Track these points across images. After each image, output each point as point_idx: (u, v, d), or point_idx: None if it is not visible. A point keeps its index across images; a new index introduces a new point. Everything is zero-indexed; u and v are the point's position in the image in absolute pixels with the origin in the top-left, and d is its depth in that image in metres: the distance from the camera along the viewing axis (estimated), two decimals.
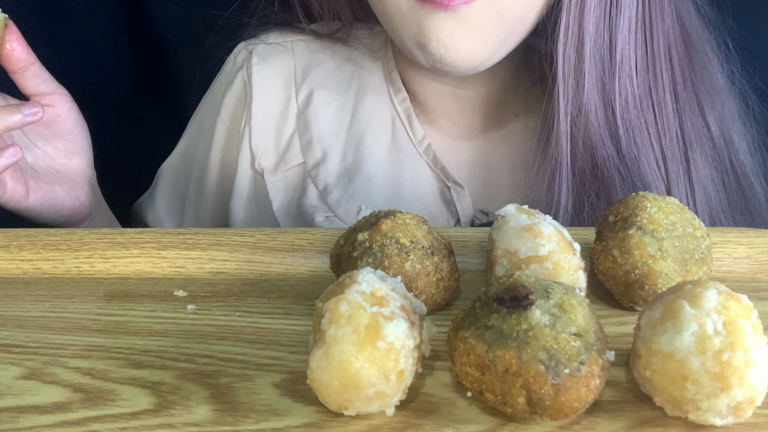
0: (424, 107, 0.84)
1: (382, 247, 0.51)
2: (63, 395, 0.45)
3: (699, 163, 0.76)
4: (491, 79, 0.81)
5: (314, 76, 0.85)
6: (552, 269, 0.50)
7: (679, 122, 0.76)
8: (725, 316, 0.40)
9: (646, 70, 0.74)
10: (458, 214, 0.80)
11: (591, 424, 0.43)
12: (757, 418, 0.43)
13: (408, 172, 0.81)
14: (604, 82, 0.73)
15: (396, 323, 0.41)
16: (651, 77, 0.74)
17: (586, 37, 0.71)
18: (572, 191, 0.74)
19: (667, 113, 0.75)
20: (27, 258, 0.60)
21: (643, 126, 0.74)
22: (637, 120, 0.74)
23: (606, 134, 0.73)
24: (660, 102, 0.75)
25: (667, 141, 0.75)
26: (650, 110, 0.75)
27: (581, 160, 0.74)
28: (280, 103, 0.85)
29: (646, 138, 0.74)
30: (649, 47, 0.74)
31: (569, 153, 0.73)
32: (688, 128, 0.76)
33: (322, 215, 0.79)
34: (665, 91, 0.75)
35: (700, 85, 0.77)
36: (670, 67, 0.75)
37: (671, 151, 0.75)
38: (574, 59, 0.72)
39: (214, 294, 0.56)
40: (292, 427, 0.43)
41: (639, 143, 0.74)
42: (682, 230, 0.53)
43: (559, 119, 0.73)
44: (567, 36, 0.71)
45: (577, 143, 0.73)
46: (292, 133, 0.84)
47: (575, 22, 0.71)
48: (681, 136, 0.76)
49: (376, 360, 0.40)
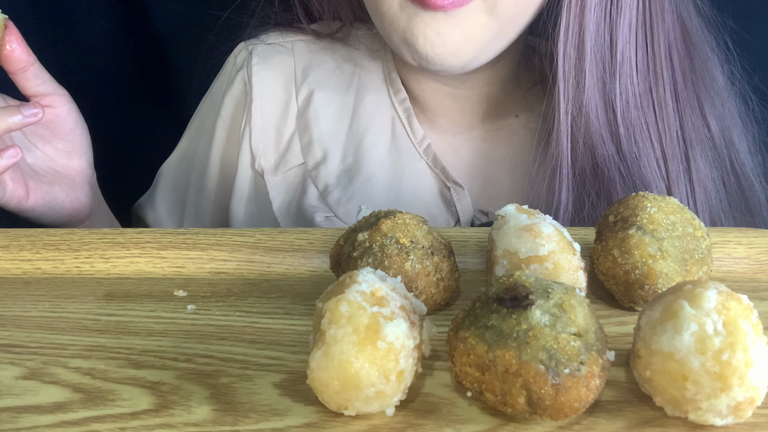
0: (424, 107, 0.84)
1: (382, 247, 0.51)
2: (63, 395, 0.45)
3: (699, 163, 0.76)
4: (490, 79, 0.81)
5: (314, 76, 0.85)
6: (552, 269, 0.50)
7: (680, 122, 0.76)
8: (725, 316, 0.40)
9: (647, 69, 0.74)
10: (458, 214, 0.80)
11: (591, 424, 0.43)
12: (757, 418, 0.43)
13: (408, 173, 0.81)
14: (604, 81, 0.73)
15: (396, 323, 0.41)
16: (651, 76, 0.75)
17: (587, 36, 0.71)
18: (572, 190, 0.74)
19: (667, 113, 0.75)
20: (27, 258, 0.60)
21: (643, 125, 0.74)
22: (638, 119, 0.74)
23: (606, 133, 0.73)
24: (660, 101, 0.75)
25: (668, 140, 0.75)
26: (651, 109, 0.75)
27: (581, 159, 0.74)
28: (281, 103, 0.85)
29: (647, 137, 0.74)
30: (649, 46, 0.74)
31: (569, 152, 0.73)
32: (689, 128, 0.76)
33: (322, 215, 0.79)
34: (666, 91, 0.75)
35: (701, 85, 0.77)
36: (671, 66, 0.75)
37: (672, 150, 0.75)
38: (575, 58, 0.72)
39: (214, 294, 0.56)
40: (292, 427, 0.43)
41: (639, 142, 0.74)
42: (682, 230, 0.53)
43: (559, 118, 0.73)
44: (567, 35, 0.71)
45: (577, 142, 0.73)
46: (292, 133, 0.84)
47: (576, 21, 0.71)
48: (681, 135, 0.76)
49: (376, 360, 0.40)
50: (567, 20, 0.71)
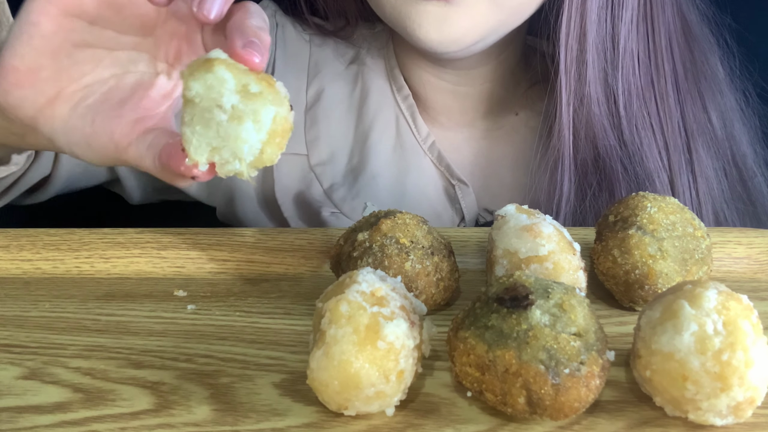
0: (426, 105, 0.84)
1: (382, 247, 0.51)
2: (63, 395, 0.45)
3: (701, 154, 0.76)
4: (491, 75, 0.81)
5: (325, 74, 0.84)
6: (552, 269, 0.50)
7: (681, 113, 0.76)
8: (725, 316, 0.40)
9: (648, 60, 0.75)
10: (463, 211, 0.80)
11: (591, 424, 0.43)
12: (757, 418, 0.43)
13: (413, 170, 0.81)
14: (606, 73, 0.73)
15: (396, 323, 0.41)
16: (653, 68, 0.75)
17: (589, 28, 0.71)
18: (574, 182, 0.74)
19: (669, 104, 0.75)
20: (27, 258, 0.60)
21: (645, 116, 0.75)
22: (640, 111, 0.74)
23: (608, 125, 0.74)
24: (662, 92, 0.75)
25: (669, 131, 0.75)
26: (652, 101, 0.75)
27: (583, 150, 0.74)
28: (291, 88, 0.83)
29: (649, 128, 0.75)
30: (650, 38, 0.74)
31: (571, 144, 0.74)
32: (690, 119, 0.76)
33: (328, 211, 0.79)
34: (667, 82, 0.75)
35: (701, 77, 0.77)
36: (671, 58, 0.75)
37: (674, 141, 0.75)
38: (576, 50, 0.72)
39: (214, 294, 0.56)
40: (292, 427, 0.43)
41: (641, 134, 0.74)
42: (682, 230, 0.53)
43: (561, 110, 0.73)
44: (569, 27, 0.72)
45: (579, 134, 0.74)
46: (296, 122, 0.82)
47: (577, 13, 0.71)
48: (683, 126, 0.76)
49: (376, 360, 0.40)
50: (569, 12, 0.71)
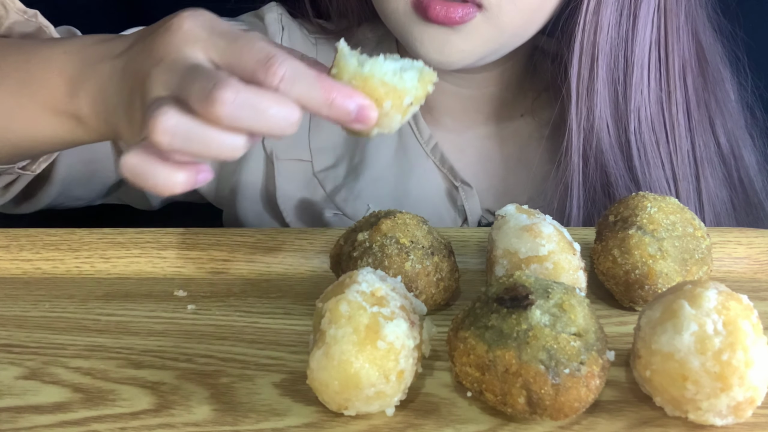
0: (428, 106, 0.84)
1: (382, 247, 0.51)
2: (63, 395, 0.45)
3: (710, 182, 0.76)
4: (496, 80, 0.81)
5: None
6: (552, 269, 0.50)
7: (691, 141, 0.75)
8: (725, 316, 0.40)
9: (660, 90, 0.74)
10: (466, 213, 0.80)
11: (591, 424, 0.43)
12: (757, 418, 0.43)
13: (415, 172, 0.81)
14: (617, 102, 0.73)
15: (396, 323, 0.41)
16: (665, 97, 0.74)
17: (601, 57, 0.71)
18: (582, 207, 0.74)
19: (679, 133, 0.75)
20: (27, 258, 0.60)
21: (654, 145, 0.74)
22: (650, 139, 0.74)
23: (618, 153, 0.73)
24: (673, 122, 0.75)
25: (679, 161, 0.75)
26: (662, 130, 0.75)
27: (592, 177, 0.74)
28: None
29: (657, 157, 0.74)
30: (663, 67, 0.74)
31: (581, 171, 0.74)
32: (700, 147, 0.76)
33: (330, 212, 0.79)
34: (678, 111, 0.75)
35: (713, 103, 0.77)
36: (684, 86, 0.75)
37: (683, 170, 0.75)
38: (587, 78, 0.72)
39: (214, 294, 0.56)
40: (292, 427, 0.43)
41: (651, 162, 0.74)
42: (682, 230, 0.53)
43: (571, 137, 0.73)
44: (581, 56, 0.71)
45: (588, 161, 0.74)
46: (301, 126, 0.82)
47: (589, 42, 0.71)
48: (692, 155, 0.76)
49: (376, 360, 0.40)
50: (581, 40, 0.71)
